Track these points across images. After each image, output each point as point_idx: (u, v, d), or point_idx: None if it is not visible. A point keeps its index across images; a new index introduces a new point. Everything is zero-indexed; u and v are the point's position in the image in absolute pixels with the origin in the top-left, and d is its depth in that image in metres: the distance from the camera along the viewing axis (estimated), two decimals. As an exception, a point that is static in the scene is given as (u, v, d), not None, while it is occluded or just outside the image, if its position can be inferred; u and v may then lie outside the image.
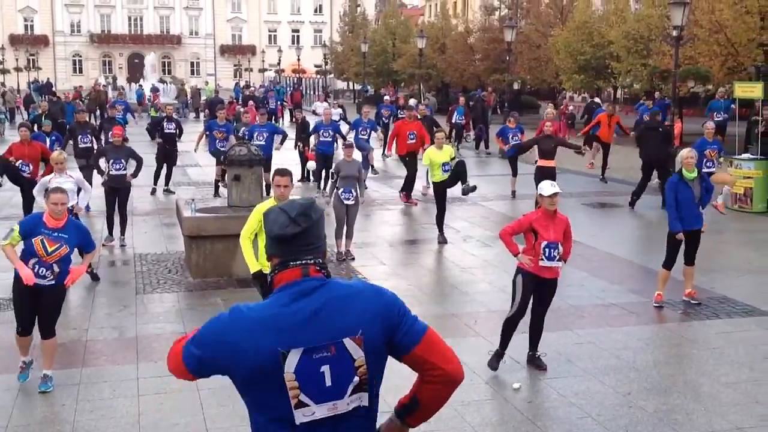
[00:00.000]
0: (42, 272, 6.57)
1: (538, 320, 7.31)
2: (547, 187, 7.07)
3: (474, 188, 12.81)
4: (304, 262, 2.74)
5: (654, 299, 9.13)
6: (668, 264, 9.12)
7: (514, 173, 17.25)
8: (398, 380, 3.47)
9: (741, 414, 6.26)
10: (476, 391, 6.73)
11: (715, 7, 24.26)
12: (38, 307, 6.75)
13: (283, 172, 7.06)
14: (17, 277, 6.64)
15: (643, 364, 7.40)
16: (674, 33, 19.00)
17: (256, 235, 7.13)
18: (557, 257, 7.10)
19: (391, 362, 2.83)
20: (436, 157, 12.65)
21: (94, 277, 10.14)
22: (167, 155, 17.72)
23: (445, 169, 12.62)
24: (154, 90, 43.45)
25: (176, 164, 18.40)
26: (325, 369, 2.65)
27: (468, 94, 35.90)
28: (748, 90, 18.12)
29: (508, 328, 7.20)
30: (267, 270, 6.74)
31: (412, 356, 2.78)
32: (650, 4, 28.13)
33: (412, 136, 16.63)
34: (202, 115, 38.22)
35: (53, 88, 49.28)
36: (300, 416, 2.65)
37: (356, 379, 2.69)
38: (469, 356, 7.50)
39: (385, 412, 2.94)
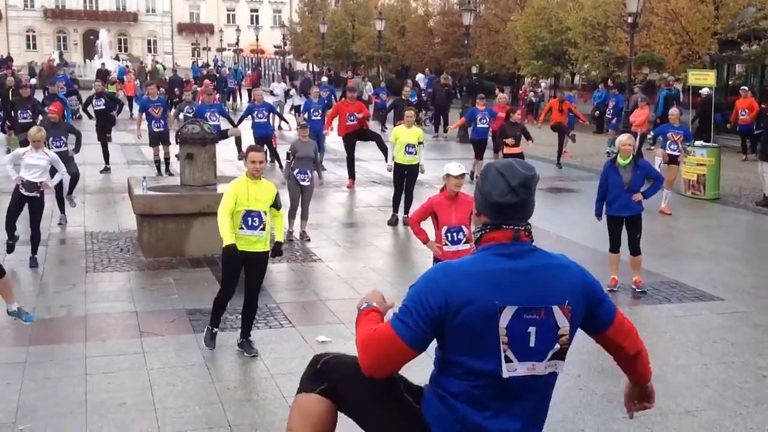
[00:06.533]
0: None
1: None
2: (455, 168, 6.96)
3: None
4: (516, 227, 2.85)
5: (609, 284, 9.20)
6: (612, 247, 9.21)
7: (479, 156, 17.13)
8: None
9: (689, 396, 6.34)
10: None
11: (671, -4, 24.56)
12: None
13: (258, 149, 7.09)
14: None
15: (595, 347, 7.40)
16: (630, 20, 19.14)
17: None
18: (463, 240, 6.95)
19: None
20: (403, 135, 12.52)
21: (33, 263, 9.71)
22: (102, 132, 17.38)
23: (409, 151, 12.51)
24: (121, 69, 42.64)
25: (110, 141, 17.86)
26: (532, 330, 2.79)
27: (426, 78, 35.93)
28: (701, 78, 18.38)
29: None
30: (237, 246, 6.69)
31: (604, 336, 3.04)
32: (608, -9, 28.33)
33: (352, 118, 16.24)
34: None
35: (12, 63, 48.12)
36: (505, 371, 2.78)
37: (557, 346, 2.84)
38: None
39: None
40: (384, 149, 16.06)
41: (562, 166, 19.22)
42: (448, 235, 6.94)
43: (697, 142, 16.09)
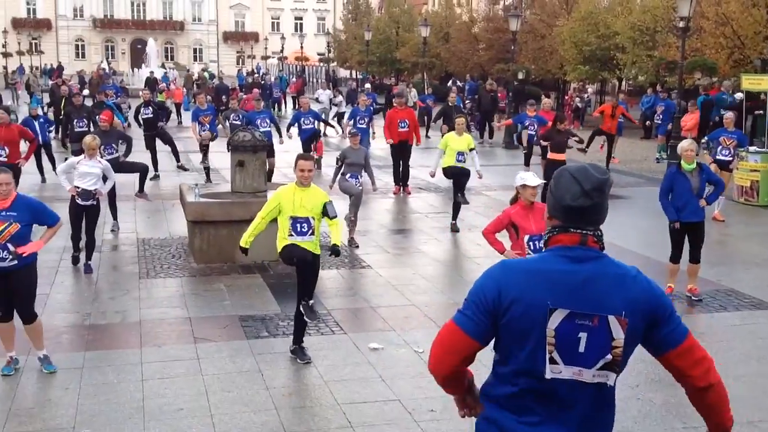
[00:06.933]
0: None
1: None
2: (532, 178, 6.96)
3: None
4: (584, 231, 2.80)
5: (665, 292, 9.03)
6: (675, 257, 9.04)
7: (526, 163, 17.14)
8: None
9: (751, 407, 6.20)
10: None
11: (722, 0, 24.13)
12: (10, 294, 6.57)
13: (307, 157, 7.17)
14: None
15: (651, 357, 7.32)
16: (681, 24, 18.87)
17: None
18: (543, 248, 6.91)
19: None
20: (454, 143, 12.48)
21: (87, 269, 9.88)
22: (150, 140, 17.57)
23: (459, 159, 12.45)
24: (166, 78, 43.29)
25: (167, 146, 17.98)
26: (583, 336, 2.73)
27: (465, 84, 35.75)
28: (755, 82, 18.04)
29: None
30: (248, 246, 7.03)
31: (665, 358, 2.86)
32: (656, -5, 27.95)
33: (403, 125, 16.39)
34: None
35: (63, 73, 49.23)
36: (549, 371, 2.74)
37: (609, 356, 2.74)
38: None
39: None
40: (406, 176, 16.33)
41: (610, 172, 19.01)
42: (530, 243, 6.90)
43: (751, 148, 15.78)
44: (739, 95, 19.56)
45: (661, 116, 22.43)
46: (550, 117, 18.13)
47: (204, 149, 17.11)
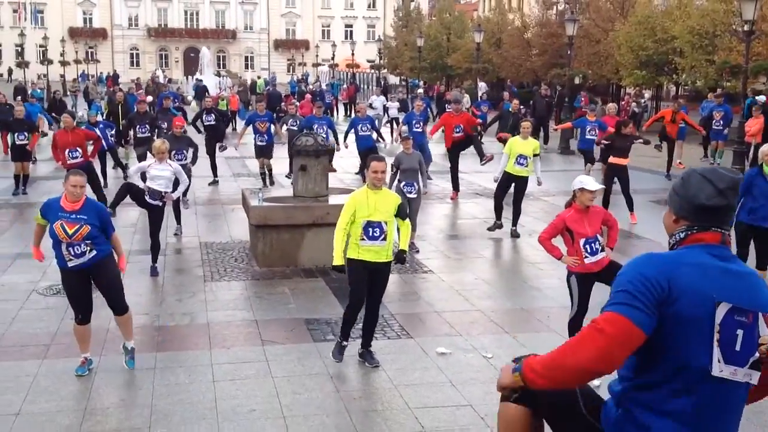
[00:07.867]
0: (75, 251, 6.54)
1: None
2: (592, 182, 6.91)
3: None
4: (724, 231, 2.83)
5: None
6: (739, 256, 8.84)
7: (591, 161, 16.90)
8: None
9: (835, 418, 6.01)
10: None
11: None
12: (90, 295, 6.76)
13: (380, 158, 7.07)
14: (62, 267, 6.67)
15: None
16: (745, 27, 18.49)
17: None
18: (599, 249, 6.91)
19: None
20: (517, 147, 12.38)
21: (153, 272, 9.99)
22: (211, 146, 17.69)
23: (519, 162, 12.35)
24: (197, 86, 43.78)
25: (224, 150, 18.01)
26: (740, 333, 2.71)
27: (520, 90, 35.37)
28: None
29: (574, 328, 7.00)
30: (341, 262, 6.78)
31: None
32: (715, -1, 27.43)
33: (458, 129, 16.27)
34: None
35: (118, 81, 50.22)
36: (716, 368, 2.69)
37: (756, 354, 2.75)
38: (543, 352, 7.33)
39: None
40: (480, 150, 15.98)
41: (671, 178, 18.68)
42: (587, 246, 6.85)
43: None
44: (761, 98, 19.02)
45: (721, 122, 21.99)
46: (611, 123, 17.85)
47: (269, 171, 17.12)
